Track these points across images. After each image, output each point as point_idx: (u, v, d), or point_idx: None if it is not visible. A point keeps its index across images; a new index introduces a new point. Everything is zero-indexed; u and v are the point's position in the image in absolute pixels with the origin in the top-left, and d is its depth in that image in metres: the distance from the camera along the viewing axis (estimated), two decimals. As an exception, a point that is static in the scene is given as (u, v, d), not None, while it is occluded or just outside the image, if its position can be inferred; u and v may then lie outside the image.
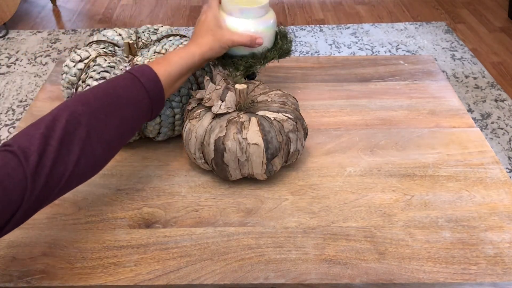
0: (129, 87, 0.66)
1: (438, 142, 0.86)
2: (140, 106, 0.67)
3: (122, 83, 0.66)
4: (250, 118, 0.73)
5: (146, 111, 0.68)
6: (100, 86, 0.65)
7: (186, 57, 0.74)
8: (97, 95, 0.63)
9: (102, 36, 0.90)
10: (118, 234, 0.70)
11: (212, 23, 0.79)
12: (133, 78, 0.67)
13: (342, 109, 0.95)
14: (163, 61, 0.72)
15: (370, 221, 0.72)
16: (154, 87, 0.68)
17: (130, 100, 0.66)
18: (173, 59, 0.73)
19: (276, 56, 0.87)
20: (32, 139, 0.54)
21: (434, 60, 1.11)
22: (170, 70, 0.71)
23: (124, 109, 0.64)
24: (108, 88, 0.65)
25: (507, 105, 2.06)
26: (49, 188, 0.55)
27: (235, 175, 0.75)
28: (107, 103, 0.63)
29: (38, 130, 0.55)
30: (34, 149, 0.53)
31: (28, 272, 0.65)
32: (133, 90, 0.66)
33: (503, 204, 0.74)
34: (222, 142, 0.71)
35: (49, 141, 0.55)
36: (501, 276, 0.63)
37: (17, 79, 2.30)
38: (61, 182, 0.56)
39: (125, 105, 0.65)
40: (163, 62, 0.72)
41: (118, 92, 0.65)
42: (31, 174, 0.52)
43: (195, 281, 0.63)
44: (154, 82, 0.69)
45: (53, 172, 0.55)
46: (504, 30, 2.66)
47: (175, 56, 0.74)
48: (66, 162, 0.56)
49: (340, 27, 2.72)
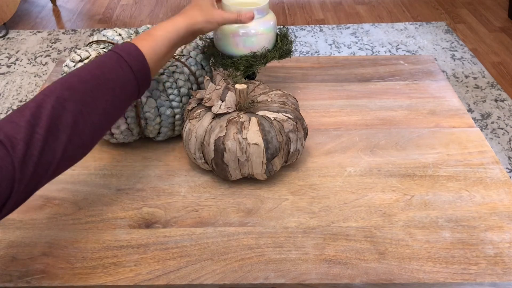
0: (115, 68, 0.65)
1: (438, 142, 0.86)
2: (127, 87, 0.66)
3: (108, 64, 0.65)
4: (250, 118, 0.73)
5: (133, 92, 0.67)
6: (85, 68, 0.63)
7: (172, 31, 0.72)
8: (82, 78, 0.61)
9: (102, 36, 0.90)
10: (118, 234, 0.70)
11: (204, 0, 0.78)
12: (118, 58, 0.65)
13: (342, 109, 0.95)
14: (148, 37, 0.70)
15: (370, 221, 0.72)
16: (140, 66, 0.67)
17: (117, 81, 0.64)
18: (159, 34, 0.71)
19: (276, 57, 0.87)
20: (17, 127, 0.53)
21: (434, 60, 1.11)
22: (156, 47, 0.70)
23: (110, 91, 0.63)
24: (93, 70, 0.63)
25: (507, 105, 2.06)
26: (38, 175, 0.54)
27: (235, 175, 0.75)
28: (93, 87, 0.61)
29: (24, 118, 0.54)
30: (20, 138, 0.52)
31: (28, 272, 0.65)
32: (119, 71, 0.65)
33: (503, 204, 0.74)
34: (222, 142, 0.71)
35: (36, 129, 0.54)
36: (501, 276, 0.63)
37: (17, 79, 2.30)
38: (49, 169, 0.56)
39: (111, 87, 0.63)
40: (148, 38, 0.70)
41: (104, 74, 0.63)
42: (19, 163, 0.52)
43: (195, 281, 0.63)
44: (140, 61, 0.67)
45: (41, 160, 0.54)
46: (504, 30, 2.66)
47: (161, 30, 0.72)
48: (54, 149, 0.55)
49: (340, 27, 2.72)
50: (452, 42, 2.54)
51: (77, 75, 0.62)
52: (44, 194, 0.77)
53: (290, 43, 0.89)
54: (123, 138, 0.83)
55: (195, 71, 0.84)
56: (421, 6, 2.96)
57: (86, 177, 0.80)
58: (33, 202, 0.75)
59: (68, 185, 0.79)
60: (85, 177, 0.80)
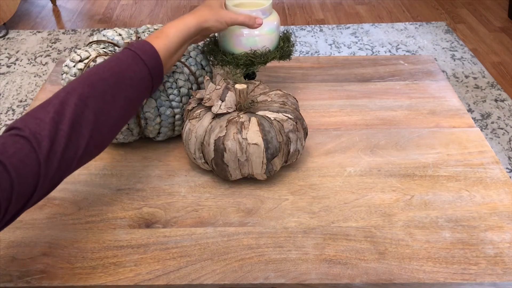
0: (132, 66, 0.67)
1: (438, 142, 0.86)
2: (143, 84, 0.68)
3: (125, 61, 0.67)
4: (250, 118, 0.73)
5: (147, 88, 0.69)
6: (104, 65, 0.65)
7: (182, 29, 0.74)
8: (102, 76, 0.63)
9: (102, 36, 0.90)
10: (118, 234, 0.70)
11: (214, 1, 0.80)
12: (134, 56, 0.67)
13: (342, 109, 0.95)
14: (161, 34, 0.72)
15: (370, 221, 0.72)
16: (155, 64, 0.69)
17: (134, 79, 0.66)
18: (171, 32, 0.73)
19: (276, 57, 0.87)
20: (42, 123, 0.55)
21: (434, 60, 1.11)
22: (168, 44, 0.72)
23: (128, 89, 0.65)
24: (112, 68, 0.65)
25: (507, 105, 2.06)
26: (61, 170, 0.57)
27: (235, 175, 0.75)
28: (113, 84, 0.63)
29: (48, 114, 0.56)
30: (45, 134, 0.54)
31: (28, 272, 0.65)
32: (136, 69, 0.67)
33: (503, 204, 0.74)
34: (222, 142, 0.71)
35: (60, 126, 0.56)
36: (501, 276, 0.63)
37: (17, 79, 2.30)
38: (72, 164, 0.58)
39: (129, 85, 0.65)
40: (161, 36, 0.72)
41: (122, 71, 0.65)
42: (44, 159, 0.54)
43: (195, 281, 0.63)
44: (155, 58, 0.69)
45: (64, 156, 0.56)
46: (504, 30, 2.66)
47: (172, 29, 0.74)
48: (77, 145, 0.57)
49: (340, 27, 2.72)
50: (452, 42, 2.54)
51: (96, 73, 0.64)
52: (44, 194, 0.77)
53: (292, 46, 0.90)
54: (123, 138, 0.83)
55: (195, 71, 0.84)
56: (421, 6, 2.96)
57: (86, 177, 0.80)
58: (33, 202, 0.75)
59: (68, 185, 0.79)
60: (85, 177, 0.80)
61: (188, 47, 0.85)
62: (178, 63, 0.83)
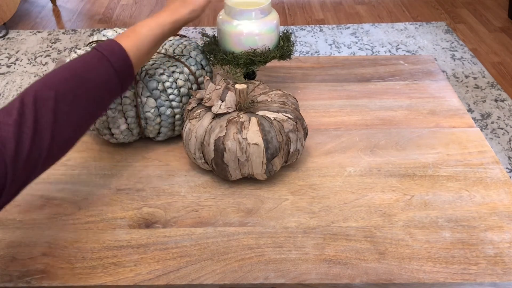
0: (97, 67, 0.65)
1: (438, 142, 0.86)
2: (109, 86, 0.67)
3: (90, 62, 0.66)
4: (250, 118, 0.73)
5: (115, 90, 0.68)
6: (68, 66, 0.64)
7: (156, 28, 0.73)
8: (64, 78, 0.63)
9: (102, 36, 0.90)
10: (118, 234, 0.70)
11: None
12: (101, 58, 0.66)
13: (342, 109, 0.95)
14: (132, 34, 0.71)
15: (370, 221, 0.72)
16: (123, 65, 0.68)
17: (98, 81, 0.65)
18: (143, 31, 0.71)
19: (277, 56, 0.87)
20: (6, 126, 0.55)
21: (434, 60, 1.11)
22: (140, 45, 0.70)
23: (91, 91, 0.64)
24: (75, 69, 0.64)
25: (507, 105, 2.06)
26: (27, 173, 0.57)
27: (235, 175, 0.75)
28: (75, 86, 0.62)
29: (11, 117, 0.56)
30: (10, 136, 0.54)
31: (28, 272, 0.65)
32: (102, 71, 0.66)
33: (503, 204, 0.74)
34: (222, 142, 0.71)
35: (23, 128, 0.56)
36: (501, 276, 0.63)
37: (17, 79, 2.30)
38: (37, 166, 0.58)
39: (93, 87, 0.64)
40: (132, 36, 0.70)
41: (85, 73, 0.64)
42: (10, 161, 0.54)
43: (195, 281, 0.63)
44: (123, 60, 0.68)
45: (29, 158, 0.56)
46: (504, 30, 2.66)
47: (145, 28, 0.72)
48: (40, 147, 0.57)
49: (340, 27, 2.72)
50: (452, 42, 2.54)
51: (58, 74, 0.63)
52: (44, 194, 0.77)
53: (292, 45, 0.90)
54: (123, 138, 0.83)
55: (195, 71, 0.84)
56: (421, 6, 2.96)
57: (86, 177, 0.80)
58: (33, 202, 0.75)
59: (68, 185, 0.79)
60: (85, 177, 0.80)
61: (178, 48, 0.85)
62: (178, 63, 0.83)
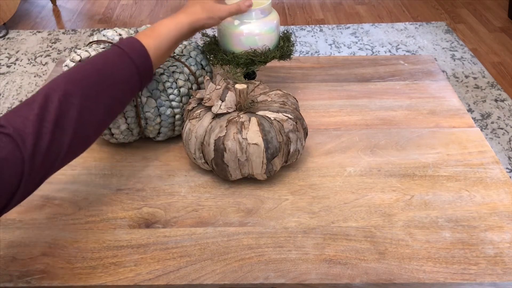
0: (119, 64, 0.66)
1: (438, 142, 0.86)
2: (130, 83, 0.67)
3: (112, 59, 0.66)
4: (250, 118, 0.73)
5: (135, 87, 0.69)
6: (90, 62, 0.64)
7: (175, 29, 0.73)
8: (87, 74, 0.62)
9: (102, 36, 0.90)
10: (118, 234, 0.70)
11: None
12: (122, 54, 0.66)
13: (342, 109, 0.95)
14: (152, 33, 0.71)
15: (370, 221, 0.72)
16: (144, 62, 0.68)
17: (120, 77, 0.65)
18: (163, 31, 0.72)
19: (277, 56, 0.87)
20: (26, 121, 0.54)
21: (434, 60, 1.11)
22: (159, 44, 0.71)
23: (114, 87, 0.64)
24: (98, 65, 0.64)
25: (507, 105, 2.06)
26: (45, 168, 0.56)
27: (235, 175, 0.75)
28: (98, 82, 0.63)
29: (32, 111, 0.55)
30: (29, 131, 0.53)
31: (28, 272, 0.65)
32: (123, 67, 0.66)
33: (503, 204, 0.74)
34: (222, 142, 0.71)
35: (44, 123, 0.55)
36: (501, 276, 0.63)
37: (17, 79, 2.30)
38: (56, 162, 0.57)
39: (115, 83, 0.65)
40: (152, 35, 0.71)
41: (108, 69, 0.64)
42: (28, 157, 0.53)
43: (195, 281, 0.63)
44: (144, 57, 0.68)
45: (48, 154, 0.55)
46: (504, 30, 2.66)
47: (164, 28, 0.73)
48: (60, 143, 0.57)
49: (340, 27, 2.72)
50: (452, 42, 2.54)
51: (81, 70, 0.63)
52: (44, 194, 0.77)
53: (292, 45, 0.90)
54: (123, 138, 0.83)
55: (195, 71, 0.84)
56: (421, 6, 2.96)
57: (86, 177, 0.80)
58: (33, 202, 0.75)
59: (68, 185, 0.79)
60: (85, 177, 0.80)
61: (178, 48, 0.85)
62: (178, 63, 0.83)
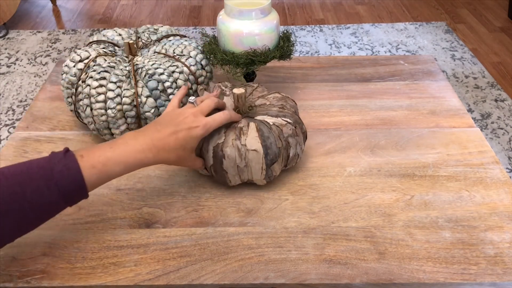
0: (41, 192, 0.56)
1: (438, 142, 0.86)
2: (51, 209, 0.59)
3: (36, 183, 0.56)
4: (249, 123, 0.73)
5: (57, 210, 0.60)
6: (8, 178, 0.55)
7: (133, 166, 0.64)
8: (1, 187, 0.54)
9: (102, 36, 0.90)
10: (118, 234, 0.70)
11: (191, 141, 0.68)
12: (49, 179, 0.56)
13: (342, 109, 0.95)
14: (103, 166, 0.60)
15: (370, 221, 0.72)
16: (75, 195, 0.59)
17: (38, 205, 0.56)
18: (116, 170, 0.62)
19: (276, 56, 0.87)
20: None
21: (434, 60, 1.11)
22: (104, 178, 0.61)
23: (27, 212, 0.56)
24: (15, 186, 0.55)
25: (507, 105, 2.06)
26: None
27: (234, 181, 0.74)
28: (8, 200, 0.54)
29: None
30: None
31: (28, 272, 0.65)
32: (45, 196, 0.56)
33: (503, 204, 0.74)
34: (221, 149, 0.71)
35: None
36: (501, 276, 0.63)
37: (17, 79, 2.30)
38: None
39: (30, 208, 0.56)
40: (100, 166, 0.60)
41: (26, 194, 0.55)
42: None
43: (195, 281, 0.63)
44: (77, 191, 0.58)
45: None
46: (504, 30, 2.66)
47: (118, 166, 0.62)
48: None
49: (340, 27, 2.72)
50: (452, 42, 2.54)
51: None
52: (44, 194, 0.77)
53: (292, 45, 0.90)
54: (123, 138, 0.83)
55: (195, 71, 0.84)
56: (421, 6, 2.96)
57: (86, 177, 0.80)
58: (33, 202, 0.75)
59: (68, 185, 0.79)
60: (85, 177, 0.80)
61: (178, 48, 0.83)
62: (178, 63, 0.83)
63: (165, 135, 0.66)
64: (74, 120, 0.93)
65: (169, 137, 0.66)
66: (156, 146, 0.65)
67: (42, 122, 0.93)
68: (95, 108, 0.79)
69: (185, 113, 0.69)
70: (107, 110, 0.79)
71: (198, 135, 0.68)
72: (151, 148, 0.65)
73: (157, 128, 0.67)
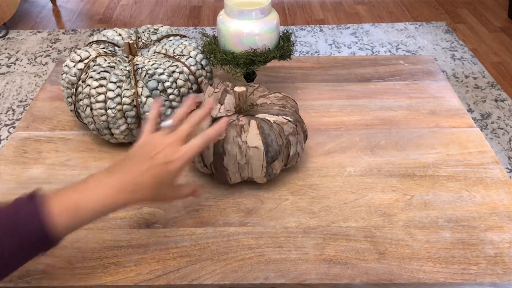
0: (4, 241, 0.52)
1: (438, 142, 0.86)
2: (19, 258, 0.56)
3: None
4: (250, 121, 0.73)
5: (30, 258, 0.56)
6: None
7: (106, 209, 0.59)
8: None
9: (102, 36, 0.90)
10: (118, 234, 0.70)
11: (168, 178, 0.61)
12: (13, 228, 0.53)
13: (342, 109, 0.95)
14: (74, 212, 0.56)
15: (370, 221, 0.72)
16: (41, 243, 0.55)
17: (6, 254, 0.53)
18: (88, 215, 0.58)
19: (277, 56, 0.87)
20: None
21: (434, 60, 1.11)
22: (74, 225, 0.57)
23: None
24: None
25: (507, 105, 2.06)
26: None
27: (234, 178, 0.74)
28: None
29: None
30: None
31: (28, 272, 0.65)
32: (7, 242, 0.53)
33: (503, 204, 0.74)
34: (222, 145, 0.71)
35: None
36: (501, 276, 0.63)
37: (17, 79, 2.30)
38: None
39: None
40: (71, 213, 0.56)
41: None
42: None
43: (195, 281, 0.63)
44: (41, 242, 0.54)
45: None
46: (504, 30, 2.66)
47: (90, 211, 0.57)
48: None
49: (340, 27, 2.72)
50: (452, 42, 2.54)
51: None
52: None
53: (292, 45, 0.90)
54: (123, 138, 0.83)
55: (195, 71, 0.84)
56: (421, 6, 2.96)
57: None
58: (33, 202, 0.75)
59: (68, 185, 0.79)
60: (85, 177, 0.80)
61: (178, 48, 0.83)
62: (178, 63, 0.83)
63: (140, 172, 0.59)
64: (74, 120, 0.93)
65: (144, 174, 0.60)
66: (133, 184, 0.59)
67: (42, 122, 0.93)
68: (95, 108, 0.79)
69: (162, 144, 0.61)
70: (107, 110, 0.79)
71: (177, 168, 0.61)
72: (127, 187, 0.59)
73: (132, 163, 0.61)
